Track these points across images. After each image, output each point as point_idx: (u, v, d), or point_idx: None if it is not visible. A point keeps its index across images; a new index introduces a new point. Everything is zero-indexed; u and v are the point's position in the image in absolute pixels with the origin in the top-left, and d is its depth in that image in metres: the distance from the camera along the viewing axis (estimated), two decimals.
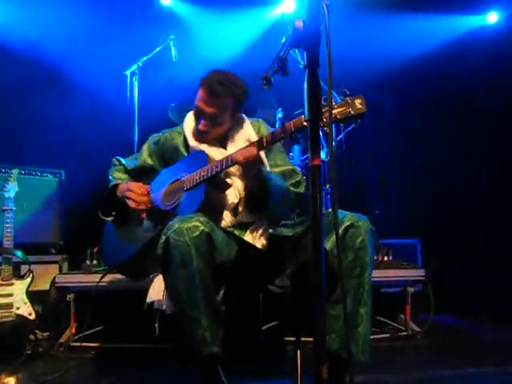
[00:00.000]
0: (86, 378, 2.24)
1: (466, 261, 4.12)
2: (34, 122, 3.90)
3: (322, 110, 1.50)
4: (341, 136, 3.64)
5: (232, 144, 1.90)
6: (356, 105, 1.49)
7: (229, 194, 1.82)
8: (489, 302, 3.65)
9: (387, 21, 4.24)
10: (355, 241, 1.57)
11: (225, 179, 1.83)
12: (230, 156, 1.71)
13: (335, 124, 1.55)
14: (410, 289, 2.90)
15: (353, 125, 1.53)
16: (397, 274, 2.91)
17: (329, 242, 1.58)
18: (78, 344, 2.58)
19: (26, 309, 2.46)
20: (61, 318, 2.75)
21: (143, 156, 2.05)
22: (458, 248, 4.20)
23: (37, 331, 2.56)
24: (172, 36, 3.79)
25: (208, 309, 1.52)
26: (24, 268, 2.64)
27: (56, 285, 2.73)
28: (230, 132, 1.93)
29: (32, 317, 2.47)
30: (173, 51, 3.76)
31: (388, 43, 4.21)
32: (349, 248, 1.57)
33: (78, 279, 2.72)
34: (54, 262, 3.05)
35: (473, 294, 3.69)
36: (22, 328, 2.44)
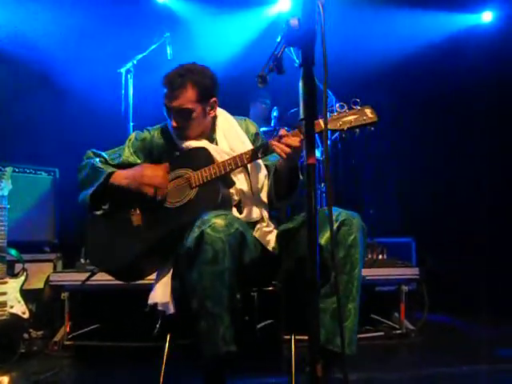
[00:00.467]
0: (80, 377, 2.24)
1: (461, 260, 4.14)
2: (29, 120, 3.88)
3: (336, 116, 1.58)
4: (336, 135, 3.62)
5: (224, 140, 1.87)
6: (368, 113, 1.59)
7: (233, 192, 1.81)
8: (483, 301, 3.67)
9: (382, 17, 4.24)
10: (347, 238, 1.59)
11: (231, 176, 1.81)
12: (248, 152, 1.70)
13: (350, 131, 1.61)
14: (405, 287, 2.92)
15: (366, 130, 1.61)
16: (391, 273, 2.93)
17: (323, 238, 1.60)
18: (72, 343, 2.57)
19: (20, 307, 2.45)
20: (55, 317, 2.74)
21: (126, 154, 1.92)
22: (453, 247, 4.22)
23: (31, 330, 2.54)
24: (167, 34, 3.78)
25: (231, 307, 1.51)
26: (18, 266, 2.63)
27: (50, 283, 2.73)
28: (218, 128, 1.91)
29: (26, 315, 2.46)
30: (168, 49, 3.75)
31: (383, 40, 4.21)
32: (341, 245, 1.59)
33: (73, 278, 2.71)
34: (48, 261, 3.04)
35: (467, 293, 3.70)
36: (16, 327, 2.42)
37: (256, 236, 1.76)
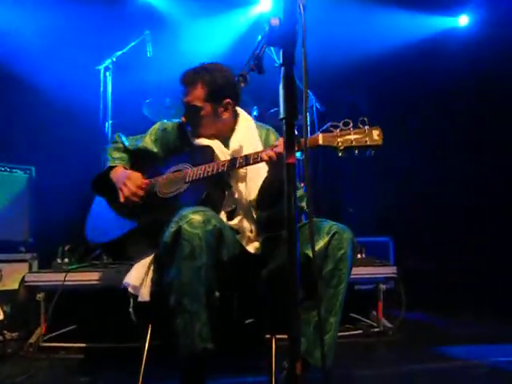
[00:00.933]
0: (57, 380, 2.19)
1: (438, 258, 4.22)
2: (5, 118, 3.79)
3: (337, 133, 1.52)
4: (322, 130, 3.65)
5: (237, 145, 1.86)
6: (373, 135, 1.50)
7: (227, 196, 1.81)
8: (459, 299, 3.76)
9: (361, 16, 4.29)
10: (337, 252, 1.60)
11: (228, 180, 1.82)
12: (242, 156, 1.70)
13: (349, 151, 1.53)
14: (383, 286, 2.96)
15: (368, 153, 1.53)
16: (370, 272, 2.96)
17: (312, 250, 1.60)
18: (48, 344, 2.53)
19: None
20: (30, 318, 2.68)
21: (146, 140, 2.00)
22: (431, 246, 4.30)
23: (5, 331, 2.49)
24: (147, 31, 3.75)
25: (208, 304, 1.51)
26: None
27: (25, 284, 2.66)
28: (235, 132, 1.91)
29: (0, 317, 2.40)
30: (148, 47, 3.72)
31: (363, 40, 4.26)
32: (330, 258, 1.60)
33: (49, 278, 2.66)
34: (23, 261, 2.97)
35: (444, 291, 3.78)
36: None
37: (240, 240, 1.76)
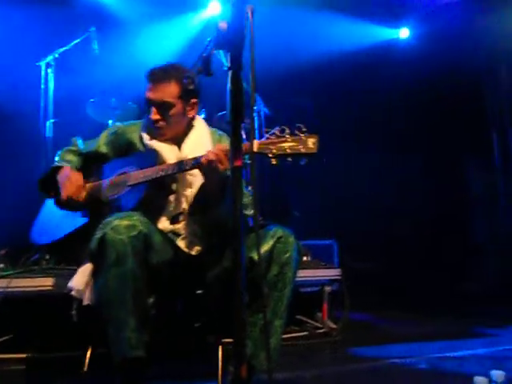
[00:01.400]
0: None
1: (380, 260, 4.38)
2: None
3: (273, 140, 1.50)
4: (263, 139, 3.69)
5: (189, 149, 1.85)
6: (308, 143, 1.49)
7: (171, 201, 1.79)
8: (400, 299, 3.92)
9: (308, 22, 4.38)
10: (282, 256, 1.61)
11: (170, 184, 1.79)
12: (181, 162, 1.68)
13: (283, 158, 1.50)
14: (327, 288, 3.03)
15: (302, 161, 1.51)
16: (315, 274, 3.03)
17: (256, 253, 1.59)
18: None
19: None
20: None
21: (99, 143, 1.98)
22: (374, 248, 4.45)
23: None
24: (93, 28, 3.63)
25: (137, 311, 1.49)
26: None
27: None
28: (188, 135, 1.89)
29: None
30: (94, 44, 3.60)
31: (310, 45, 4.35)
32: (275, 262, 1.61)
33: None
34: None
35: (385, 292, 3.93)
36: None
37: (180, 243, 1.74)
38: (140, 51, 4.08)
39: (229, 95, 1.06)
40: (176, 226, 1.78)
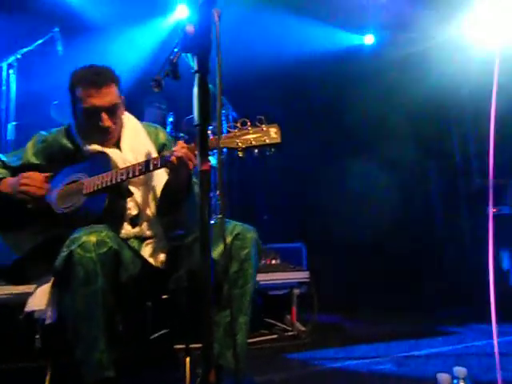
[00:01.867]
0: None
1: (348, 262, 4.45)
2: None
3: (236, 133, 1.51)
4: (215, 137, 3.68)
5: (128, 148, 1.80)
6: (271, 133, 1.50)
7: (129, 204, 1.74)
8: (367, 301, 3.99)
9: (277, 26, 4.41)
10: (241, 252, 1.61)
11: (127, 187, 1.74)
12: (147, 162, 1.63)
13: (249, 150, 1.52)
14: (296, 290, 3.05)
15: (267, 152, 1.53)
16: (284, 277, 3.05)
17: (216, 252, 1.58)
18: None
19: None
20: None
21: (27, 155, 1.84)
22: (342, 251, 4.52)
23: None
24: (57, 29, 3.54)
25: (107, 330, 1.45)
26: None
27: None
28: (124, 135, 1.83)
29: None
30: (58, 45, 3.51)
31: (276, 49, 4.38)
32: (234, 259, 1.60)
33: None
34: None
35: (354, 293, 4.00)
36: None
37: (144, 251, 1.71)
38: (107, 54, 4.01)
39: (195, 98, 1.06)
40: (136, 230, 1.74)
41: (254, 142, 1.50)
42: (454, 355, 2.46)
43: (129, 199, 1.75)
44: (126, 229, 1.73)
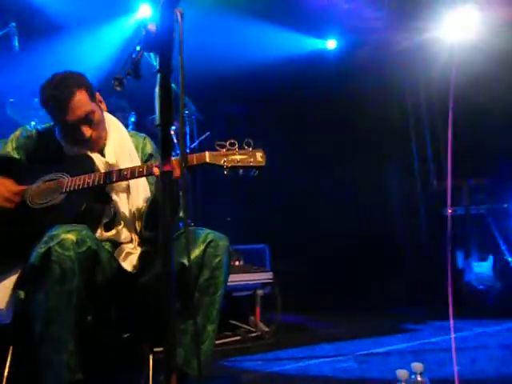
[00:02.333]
0: None
1: (310, 263, 4.51)
2: None
3: (223, 152, 1.54)
4: (195, 144, 3.69)
5: (113, 154, 1.77)
6: (257, 157, 1.57)
7: (108, 208, 1.72)
8: (332, 300, 4.07)
9: (242, 30, 4.43)
10: (213, 260, 1.60)
11: (108, 192, 1.72)
12: (126, 169, 1.61)
13: (234, 170, 1.57)
14: (260, 291, 3.07)
15: (251, 173, 1.60)
16: (247, 278, 3.06)
17: (188, 259, 1.58)
18: None
19: None
20: None
21: (8, 147, 1.80)
22: (303, 251, 4.58)
23: None
24: (13, 23, 3.41)
25: (77, 331, 1.41)
26: None
27: None
28: (109, 141, 1.80)
29: None
30: (14, 40, 3.38)
31: (241, 51, 4.40)
32: (206, 266, 1.60)
33: None
34: None
35: (317, 294, 4.06)
36: None
37: (117, 255, 1.68)
38: (68, 52, 3.91)
39: (157, 98, 1.04)
40: (110, 234, 1.71)
41: (240, 163, 1.57)
42: (413, 352, 2.54)
43: (107, 204, 1.72)
44: (100, 232, 1.71)
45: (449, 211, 3.93)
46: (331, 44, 5.23)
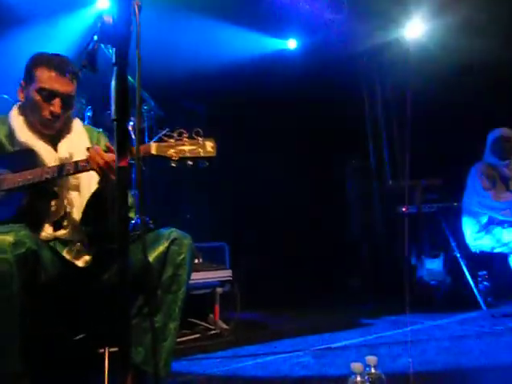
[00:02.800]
0: None
1: (269, 261, 4.54)
2: None
3: (171, 143, 1.46)
4: (155, 139, 3.60)
5: (65, 147, 1.70)
6: (207, 147, 1.48)
7: (53, 205, 1.64)
8: (290, 297, 4.12)
9: (203, 27, 4.39)
10: (177, 258, 1.59)
11: (52, 187, 1.64)
12: (71, 163, 1.54)
13: (182, 162, 1.48)
14: (219, 289, 3.06)
15: (201, 164, 1.51)
16: (206, 276, 3.04)
17: (152, 256, 1.57)
18: None
19: None
20: None
21: None
22: (263, 249, 4.61)
23: None
24: None
25: (22, 337, 1.35)
26: None
27: None
28: (64, 135, 1.74)
29: None
30: None
31: (201, 50, 4.36)
32: (169, 264, 1.59)
33: None
34: None
35: (275, 291, 4.09)
36: None
37: (67, 254, 1.63)
38: (24, 43, 3.74)
39: (113, 92, 1.02)
40: (60, 233, 1.65)
41: (189, 154, 1.47)
42: (367, 345, 2.61)
43: (52, 201, 1.64)
44: (47, 231, 1.63)
45: (403, 209, 4.07)
46: (292, 44, 5.27)
